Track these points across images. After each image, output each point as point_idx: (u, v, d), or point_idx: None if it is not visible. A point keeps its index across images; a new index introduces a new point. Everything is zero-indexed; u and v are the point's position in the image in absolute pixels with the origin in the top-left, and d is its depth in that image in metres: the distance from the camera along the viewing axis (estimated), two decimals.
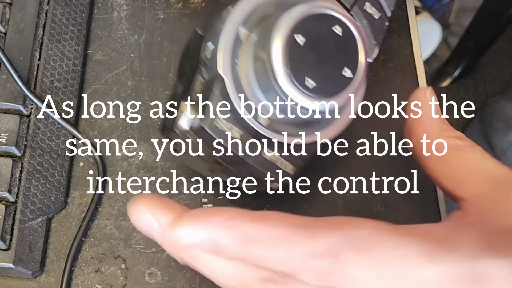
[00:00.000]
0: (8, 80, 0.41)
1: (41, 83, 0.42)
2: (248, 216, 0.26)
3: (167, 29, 0.47)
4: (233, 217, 0.26)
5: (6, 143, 0.40)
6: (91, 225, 0.41)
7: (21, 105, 0.41)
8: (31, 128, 0.41)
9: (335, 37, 0.26)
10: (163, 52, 0.46)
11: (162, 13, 0.48)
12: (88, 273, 0.40)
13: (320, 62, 0.26)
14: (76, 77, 0.44)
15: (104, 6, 0.48)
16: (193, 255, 0.29)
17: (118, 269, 0.40)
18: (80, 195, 0.42)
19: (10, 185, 0.39)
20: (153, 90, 0.45)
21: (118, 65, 0.46)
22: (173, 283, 0.40)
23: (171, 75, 0.46)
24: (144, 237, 0.41)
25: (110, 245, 0.41)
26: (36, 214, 0.39)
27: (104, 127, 0.44)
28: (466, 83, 1.39)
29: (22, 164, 0.40)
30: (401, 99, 0.47)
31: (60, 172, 0.41)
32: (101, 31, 0.47)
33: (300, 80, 0.26)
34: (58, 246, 0.40)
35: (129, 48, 0.46)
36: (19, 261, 0.38)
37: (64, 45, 0.44)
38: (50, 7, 0.44)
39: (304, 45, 0.26)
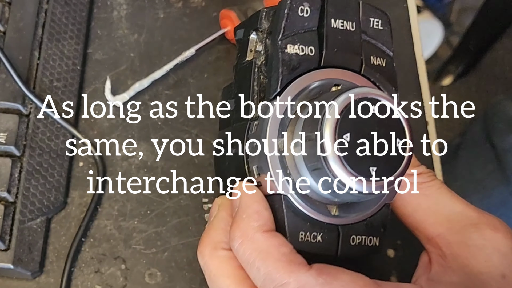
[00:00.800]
0: (7, 79, 0.41)
1: (41, 82, 0.42)
2: None
3: (167, 29, 0.47)
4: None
5: (5, 143, 0.39)
6: (91, 226, 0.41)
7: (21, 105, 0.41)
8: (30, 127, 0.41)
9: (375, 117, 0.27)
10: (163, 51, 0.46)
11: (162, 12, 0.48)
12: (87, 274, 0.40)
13: (373, 145, 0.27)
14: (76, 76, 0.44)
15: (104, 5, 0.47)
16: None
17: (118, 270, 0.40)
18: (80, 195, 0.42)
19: (9, 185, 0.39)
20: (153, 90, 0.45)
21: (118, 64, 0.46)
22: (173, 283, 0.40)
23: (171, 74, 0.45)
24: (144, 238, 0.41)
25: (110, 246, 0.41)
26: (36, 214, 0.39)
27: (104, 127, 0.44)
28: (468, 82, 1.38)
29: (21, 164, 0.40)
30: (402, 98, 0.47)
31: (60, 172, 0.41)
32: (101, 30, 0.47)
33: (365, 173, 0.27)
34: (57, 247, 0.40)
35: (129, 47, 0.46)
36: (18, 261, 0.38)
37: (63, 45, 0.44)
38: (49, 6, 0.44)
39: (351, 140, 0.27)
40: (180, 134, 0.44)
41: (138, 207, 0.42)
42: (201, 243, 0.31)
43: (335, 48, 0.30)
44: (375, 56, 0.32)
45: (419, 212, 0.32)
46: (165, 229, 0.41)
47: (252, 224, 0.28)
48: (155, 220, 0.42)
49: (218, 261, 0.30)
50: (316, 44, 0.30)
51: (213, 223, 0.32)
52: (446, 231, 0.31)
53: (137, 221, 0.41)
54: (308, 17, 0.31)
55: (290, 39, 0.30)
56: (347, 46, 0.31)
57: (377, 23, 0.32)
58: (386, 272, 0.42)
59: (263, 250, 0.28)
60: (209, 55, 0.46)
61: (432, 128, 0.48)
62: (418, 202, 0.32)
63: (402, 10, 0.51)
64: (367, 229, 0.31)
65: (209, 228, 0.31)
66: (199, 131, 0.44)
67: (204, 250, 0.31)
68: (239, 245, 0.28)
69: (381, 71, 0.32)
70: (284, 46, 0.30)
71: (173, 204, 0.42)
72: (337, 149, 0.26)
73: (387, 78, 0.32)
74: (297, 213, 0.29)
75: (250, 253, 0.28)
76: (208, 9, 0.48)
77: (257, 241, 0.28)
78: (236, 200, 0.30)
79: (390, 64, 0.32)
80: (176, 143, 0.44)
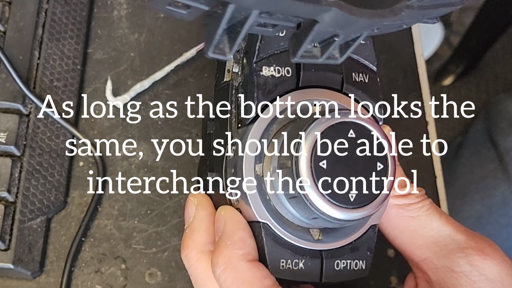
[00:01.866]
0: (7, 79, 0.41)
1: (41, 82, 0.42)
2: None
3: (168, 28, 0.47)
4: None
5: (5, 143, 0.39)
6: (91, 225, 0.41)
7: (21, 105, 0.41)
8: (30, 127, 0.41)
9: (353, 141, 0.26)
10: (163, 51, 0.46)
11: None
12: (88, 274, 0.40)
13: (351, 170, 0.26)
14: (76, 76, 0.44)
15: (104, 5, 0.47)
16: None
17: (118, 270, 0.40)
18: (80, 195, 0.42)
19: (10, 185, 0.39)
20: (153, 89, 0.45)
21: (118, 64, 0.46)
22: (173, 283, 0.40)
23: (171, 74, 0.45)
24: (144, 237, 0.41)
25: (110, 245, 0.41)
26: (36, 214, 0.39)
27: (104, 127, 0.44)
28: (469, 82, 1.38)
29: (21, 163, 0.40)
30: (402, 98, 0.47)
31: (60, 172, 0.41)
32: (101, 30, 0.47)
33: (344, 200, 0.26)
34: (57, 247, 0.40)
35: (129, 47, 0.46)
36: (18, 261, 0.38)
37: (63, 44, 0.44)
38: (49, 6, 0.44)
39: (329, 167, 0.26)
40: (180, 134, 0.44)
41: (138, 206, 0.42)
42: (184, 246, 0.30)
43: (313, 68, 0.30)
44: (356, 72, 0.31)
45: (406, 235, 0.31)
46: (165, 229, 0.41)
47: (236, 252, 0.28)
48: (155, 220, 0.42)
49: (205, 264, 0.29)
50: (293, 64, 0.29)
51: (194, 225, 0.31)
52: (433, 255, 0.30)
53: (137, 220, 0.41)
54: (285, 36, 0.29)
55: (266, 61, 0.29)
56: (326, 65, 0.30)
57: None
58: (386, 272, 0.42)
59: (246, 280, 0.27)
60: None
61: (432, 128, 0.48)
62: (405, 224, 0.31)
63: None
64: (352, 252, 0.30)
65: (191, 231, 0.31)
66: (199, 131, 0.44)
67: (189, 254, 0.30)
68: (221, 272, 0.28)
69: (363, 87, 0.31)
70: (259, 68, 0.29)
71: (173, 203, 0.42)
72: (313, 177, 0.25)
73: (370, 94, 0.31)
74: (278, 240, 0.29)
75: (232, 282, 0.27)
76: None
77: (241, 271, 0.27)
78: (219, 223, 0.29)
79: (373, 79, 0.31)
80: (176, 143, 0.44)
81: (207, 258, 0.30)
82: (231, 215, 0.29)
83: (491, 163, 0.71)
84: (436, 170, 0.46)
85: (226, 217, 0.29)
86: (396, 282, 0.42)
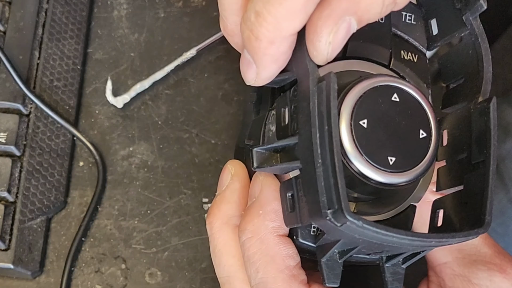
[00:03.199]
0: (7, 79, 0.41)
1: (41, 82, 0.42)
2: None
3: (168, 28, 0.47)
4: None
5: (5, 143, 0.39)
6: (91, 225, 0.41)
7: (21, 105, 0.41)
8: (30, 127, 0.41)
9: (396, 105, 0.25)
10: (163, 51, 0.46)
11: (163, 12, 0.48)
12: (88, 274, 0.40)
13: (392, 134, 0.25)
14: (76, 76, 0.44)
15: (104, 4, 0.47)
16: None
17: (118, 270, 0.40)
18: (80, 195, 0.42)
19: (10, 185, 0.39)
20: (153, 89, 0.45)
21: (118, 64, 0.46)
22: (173, 283, 0.40)
23: (171, 74, 0.45)
24: (145, 237, 0.41)
25: (110, 245, 0.41)
26: (36, 214, 0.39)
27: (104, 127, 0.44)
28: None
29: (21, 163, 0.40)
30: None
31: (60, 172, 0.41)
32: (101, 30, 0.47)
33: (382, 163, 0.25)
34: (57, 246, 0.40)
35: (129, 47, 0.46)
36: (18, 261, 0.38)
37: (64, 44, 0.44)
38: (49, 6, 0.44)
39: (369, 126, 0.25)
40: (180, 134, 0.44)
41: (138, 206, 0.42)
42: (211, 214, 0.30)
43: (361, 39, 0.28)
44: (405, 51, 0.30)
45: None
46: (165, 229, 0.41)
47: (266, 223, 0.27)
48: (155, 220, 0.42)
49: (226, 237, 0.29)
50: None
51: (225, 195, 0.30)
52: (455, 261, 0.29)
53: (137, 220, 0.41)
54: None
55: None
56: (375, 38, 0.29)
57: (409, 18, 0.30)
58: None
59: (269, 254, 0.26)
60: (209, 55, 0.46)
61: None
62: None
63: None
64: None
65: (221, 200, 0.30)
66: (199, 131, 0.44)
67: (214, 222, 0.29)
68: (247, 240, 0.27)
69: (411, 66, 0.30)
70: None
71: (173, 203, 0.42)
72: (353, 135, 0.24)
73: (418, 73, 0.30)
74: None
75: (255, 252, 0.27)
76: (208, 9, 0.48)
77: (266, 244, 0.27)
78: (255, 188, 0.28)
79: (422, 60, 0.30)
80: (176, 143, 0.44)
81: (230, 231, 0.29)
82: (269, 182, 0.28)
83: None
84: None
85: (263, 183, 0.28)
86: None
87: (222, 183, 0.31)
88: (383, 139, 0.25)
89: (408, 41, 0.30)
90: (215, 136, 0.44)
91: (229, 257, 0.28)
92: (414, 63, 0.30)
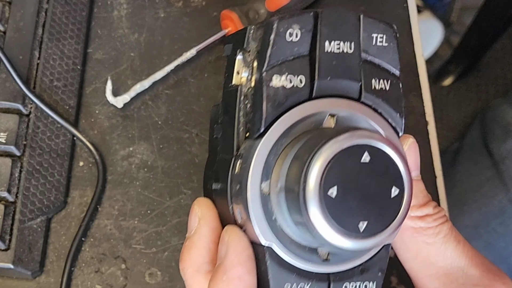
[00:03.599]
0: (7, 79, 0.41)
1: (41, 82, 0.42)
2: None
3: (168, 28, 0.47)
4: None
5: (5, 143, 0.39)
6: (91, 225, 0.41)
7: (21, 105, 0.41)
8: (30, 127, 0.41)
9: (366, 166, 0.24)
10: (163, 51, 0.46)
11: (163, 12, 0.48)
12: (88, 274, 0.40)
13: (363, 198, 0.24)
14: (76, 76, 0.44)
15: (104, 4, 0.47)
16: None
17: (118, 270, 0.40)
18: (80, 195, 0.42)
19: (10, 185, 0.39)
20: (153, 89, 0.45)
21: (118, 64, 0.46)
22: (173, 283, 0.40)
23: (171, 74, 0.45)
24: (145, 237, 0.41)
25: (110, 245, 0.41)
26: (36, 214, 0.39)
27: (104, 127, 0.44)
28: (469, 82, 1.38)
29: (21, 163, 0.40)
30: None
31: (60, 172, 0.41)
32: (101, 30, 0.47)
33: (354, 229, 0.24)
34: (57, 246, 0.40)
35: (129, 47, 0.46)
36: (18, 261, 0.38)
37: (63, 44, 0.44)
38: (49, 6, 0.44)
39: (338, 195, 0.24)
40: (180, 134, 0.44)
41: (138, 206, 0.42)
42: (182, 259, 0.29)
43: (329, 76, 0.27)
44: (377, 79, 0.28)
45: (418, 261, 0.29)
46: (165, 229, 0.41)
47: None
48: (155, 220, 0.42)
49: (199, 285, 0.28)
50: (307, 72, 0.27)
51: (193, 240, 0.29)
52: (442, 286, 0.29)
53: (137, 220, 0.41)
54: (298, 41, 0.27)
55: (277, 69, 0.27)
56: (344, 72, 0.28)
57: (380, 40, 0.29)
58: (386, 272, 0.42)
59: None
60: (209, 55, 0.46)
61: (432, 128, 0.48)
62: (418, 249, 0.29)
63: (402, 10, 0.51)
64: (362, 274, 0.28)
65: (190, 246, 0.29)
66: (199, 131, 0.44)
67: (186, 269, 0.29)
68: None
69: (383, 95, 0.29)
70: (269, 78, 0.27)
71: (173, 203, 0.42)
72: (321, 207, 0.24)
73: (391, 102, 0.29)
74: (282, 264, 0.27)
75: None
76: (208, 9, 0.48)
77: None
78: (222, 249, 0.28)
79: (395, 85, 0.29)
80: (176, 143, 0.44)
81: (202, 279, 0.28)
82: (234, 242, 0.27)
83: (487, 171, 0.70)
84: (436, 170, 0.46)
85: (229, 243, 0.27)
86: (396, 282, 0.42)
87: (190, 226, 0.30)
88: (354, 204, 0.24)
89: (380, 66, 0.29)
90: None
91: None
92: (386, 92, 0.29)
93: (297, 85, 0.27)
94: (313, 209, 0.24)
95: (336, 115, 0.27)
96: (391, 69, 0.29)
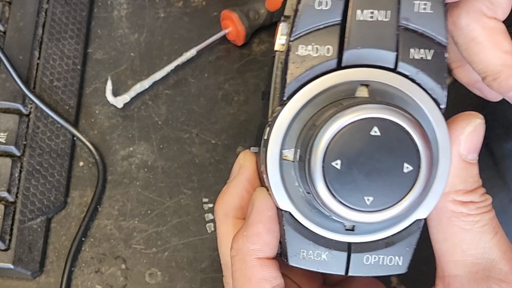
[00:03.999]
0: (7, 79, 0.41)
1: (41, 82, 0.42)
2: None
3: (168, 28, 0.47)
4: None
5: (5, 143, 0.39)
6: (91, 225, 0.41)
7: (21, 105, 0.41)
8: (30, 127, 0.41)
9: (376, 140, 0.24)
10: (163, 51, 0.46)
11: (163, 12, 0.48)
12: (88, 274, 0.40)
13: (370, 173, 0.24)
14: (76, 76, 0.44)
15: (104, 4, 0.47)
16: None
17: (118, 270, 0.40)
18: (80, 195, 0.42)
19: (10, 185, 0.39)
20: (153, 89, 0.45)
21: (118, 64, 0.46)
22: (173, 283, 0.40)
23: (171, 74, 0.45)
24: (145, 237, 0.41)
25: (110, 245, 0.41)
26: (36, 214, 0.39)
27: (104, 127, 0.44)
28: None
29: (21, 163, 0.40)
30: None
31: (60, 172, 0.41)
32: (101, 30, 0.47)
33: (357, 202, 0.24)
34: (57, 247, 0.40)
35: (129, 47, 0.46)
36: (18, 261, 0.38)
37: (64, 44, 0.44)
38: (49, 6, 0.44)
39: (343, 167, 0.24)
40: (180, 134, 0.44)
41: (138, 206, 0.42)
42: (217, 201, 0.31)
43: (359, 46, 0.27)
44: (417, 48, 0.27)
45: (448, 244, 0.28)
46: (165, 229, 0.41)
47: (247, 245, 0.28)
48: (155, 220, 0.42)
49: (225, 229, 0.30)
50: (335, 41, 0.27)
51: (230, 186, 0.31)
52: (466, 275, 0.28)
53: (137, 220, 0.41)
54: (329, 9, 0.26)
55: (303, 39, 0.27)
56: (377, 42, 0.27)
57: (424, 6, 0.27)
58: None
59: (246, 275, 0.27)
60: (209, 55, 0.46)
61: None
62: (452, 233, 0.28)
63: None
64: (387, 247, 0.28)
65: (226, 191, 0.31)
66: (199, 131, 0.44)
67: (218, 210, 0.30)
68: (232, 256, 0.28)
69: (423, 66, 0.27)
70: (295, 47, 0.27)
71: (173, 203, 0.42)
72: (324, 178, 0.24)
73: (431, 73, 0.27)
74: (300, 230, 0.27)
75: (236, 270, 0.28)
76: (208, 9, 0.48)
77: (245, 264, 0.28)
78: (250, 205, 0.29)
79: (438, 55, 0.27)
80: (176, 143, 0.44)
81: (229, 223, 0.30)
82: (259, 202, 0.28)
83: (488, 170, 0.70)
84: None
85: (254, 202, 0.28)
86: (396, 282, 0.42)
87: (232, 173, 0.31)
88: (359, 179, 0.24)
89: (423, 34, 0.27)
90: (215, 136, 0.44)
91: (226, 248, 0.29)
92: (427, 62, 0.27)
93: (324, 54, 0.27)
94: (316, 179, 0.24)
95: (369, 84, 0.26)
96: (436, 37, 0.27)
